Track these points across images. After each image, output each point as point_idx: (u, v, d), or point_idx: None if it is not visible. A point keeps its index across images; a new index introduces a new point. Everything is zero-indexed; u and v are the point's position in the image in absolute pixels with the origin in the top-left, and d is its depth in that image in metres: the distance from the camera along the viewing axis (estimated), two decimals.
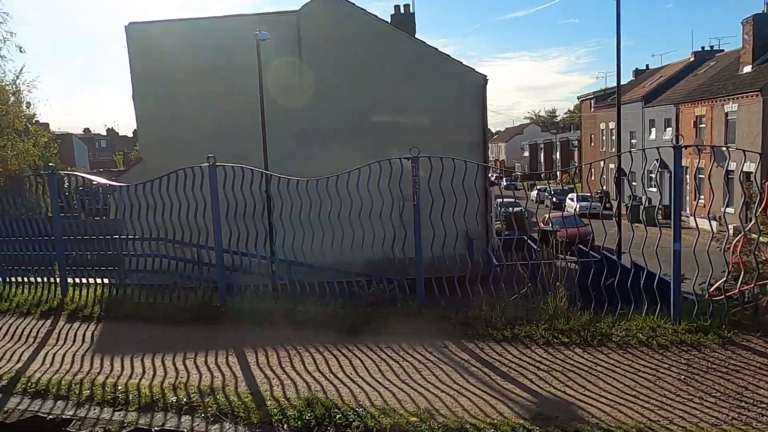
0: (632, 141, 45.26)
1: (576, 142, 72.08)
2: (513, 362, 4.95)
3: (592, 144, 55.80)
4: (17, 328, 6.75)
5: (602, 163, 53.75)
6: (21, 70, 24.19)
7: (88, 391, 4.78)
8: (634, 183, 43.82)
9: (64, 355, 5.74)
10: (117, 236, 8.01)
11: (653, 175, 39.66)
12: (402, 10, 23.69)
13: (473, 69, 18.42)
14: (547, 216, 32.36)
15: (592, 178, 54.87)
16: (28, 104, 24.19)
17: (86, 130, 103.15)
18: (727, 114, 31.40)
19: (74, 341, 6.17)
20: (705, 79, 36.43)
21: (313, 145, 18.09)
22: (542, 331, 5.43)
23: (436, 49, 18.48)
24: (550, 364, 4.85)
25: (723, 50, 41.92)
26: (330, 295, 6.91)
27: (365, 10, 18.73)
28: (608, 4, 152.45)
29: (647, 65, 54.03)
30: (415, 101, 18.33)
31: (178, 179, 6.98)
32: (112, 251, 8.05)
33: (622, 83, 55.98)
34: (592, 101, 55.70)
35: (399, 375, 4.83)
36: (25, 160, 22.47)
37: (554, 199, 47.20)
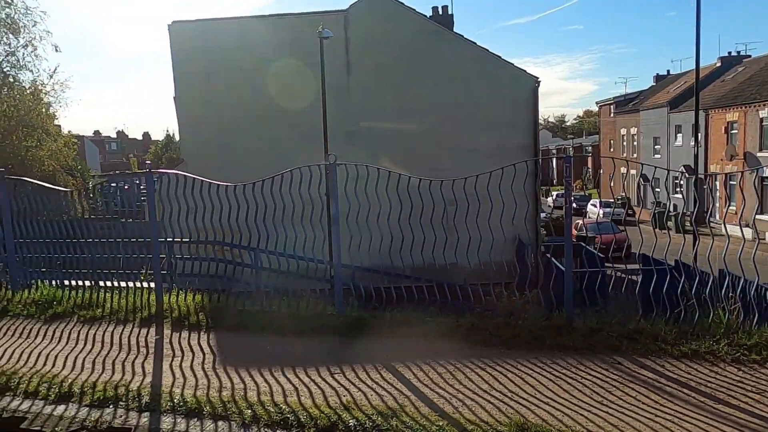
0: (656, 147, 44.79)
1: (589, 147, 71.62)
2: (710, 382, 4.47)
3: (612, 149, 55.32)
4: (122, 337, 6.30)
5: (624, 168, 53.45)
6: (55, 69, 23.83)
7: (249, 411, 4.32)
8: (657, 189, 43.33)
9: (192, 368, 5.28)
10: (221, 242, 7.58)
11: (679, 182, 39.20)
12: (440, 11, 23.33)
13: (524, 70, 18.00)
14: (580, 222, 31.90)
15: (612, 184, 54.35)
16: (48, 105, 23.69)
17: (96, 132, 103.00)
18: (762, 119, 30.91)
19: (193, 353, 5.71)
20: (735, 84, 35.93)
21: (362, 147, 17.65)
22: (725, 347, 4.95)
23: (487, 49, 18.07)
24: (755, 385, 4.38)
25: (750, 55, 41.46)
26: (436, 303, 6.50)
27: (414, 10, 18.35)
28: (612, 11, 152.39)
29: (668, 71, 53.61)
30: (464, 103, 17.91)
31: (282, 179, 6.57)
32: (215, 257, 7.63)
33: (641, 89, 55.35)
34: (612, 107, 55.23)
35: (589, 395, 4.36)
36: (58, 160, 22.10)
37: (575, 205, 46.70)
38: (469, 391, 4.49)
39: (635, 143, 49.34)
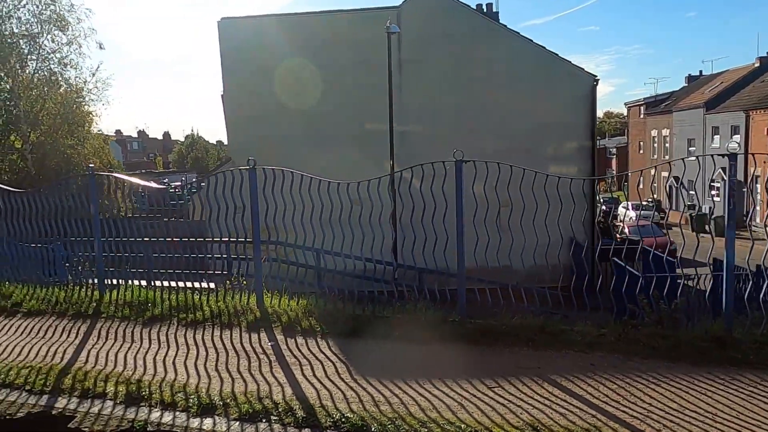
0: (690, 149, 43.86)
1: (614, 149, 70.56)
2: None
3: (641, 151, 54.40)
4: (233, 342, 5.95)
5: (653, 170, 52.56)
6: (98, 67, 23.69)
7: (425, 430, 3.93)
8: (691, 192, 42.42)
9: (330, 379, 4.90)
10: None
11: (716, 184, 38.34)
12: (485, 9, 22.92)
13: (583, 69, 17.52)
14: (621, 224, 31.19)
15: (641, 186, 53.45)
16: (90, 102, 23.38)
17: (118, 131, 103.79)
18: None
19: (320, 361, 5.33)
20: None
21: (412, 147, 17.27)
22: None
23: (544, 47, 17.60)
24: None
25: None
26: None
27: (469, 7, 17.93)
28: (629, 12, 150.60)
29: (700, 71, 52.58)
30: (520, 102, 17.45)
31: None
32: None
33: (672, 90, 54.23)
34: (642, 108, 54.32)
35: None
36: (100, 158, 21.98)
37: (603, 207, 45.93)
38: (659, 411, 4.06)
39: (667, 145, 48.42)
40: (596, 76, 17.39)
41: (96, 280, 8.02)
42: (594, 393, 4.39)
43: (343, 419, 4.12)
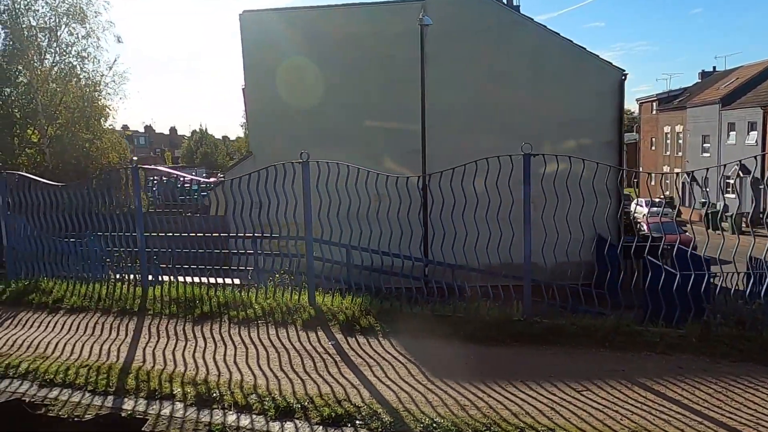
0: (704, 145, 43.45)
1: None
2: None
3: (653, 147, 53.97)
4: (292, 341, 5.77)
5: (666, 167, 52.13)
6: (115, 60, 23.44)
7: None
8: (706, 189, 42.06)
9: (405, 380, 4.71)
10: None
11: (731, 181, 37.96)
12: (505, 1, 22.62)
13: (610, 63, 17.24)
14: (639, 221, 30.89)
15: (652, 183, 53.03)
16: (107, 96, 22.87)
17: (125, 126, 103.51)
18: None
19: (388, 361, 5.13)
20: None
21: (437, 143, 17.05)
22: None
23: (571, 41, 17.32)
24: None
25: None
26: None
27: None
28: (634, 8, 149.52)
29: (714, 67, 52.11)
30: (546, 97, 17.19)
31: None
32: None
33: (685, 86, 53.76)
34: (654, 104, 53.87)
35: None
36: (118, 152, 21.82)
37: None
38: None
39: (680, 141, 48.01)
40: (624, 70, 17.13)
41: (135, 276, 7.86)
42: (690, 398, 4.18)
43: (433, 424, 3.92)
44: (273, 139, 17.86)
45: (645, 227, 27.44)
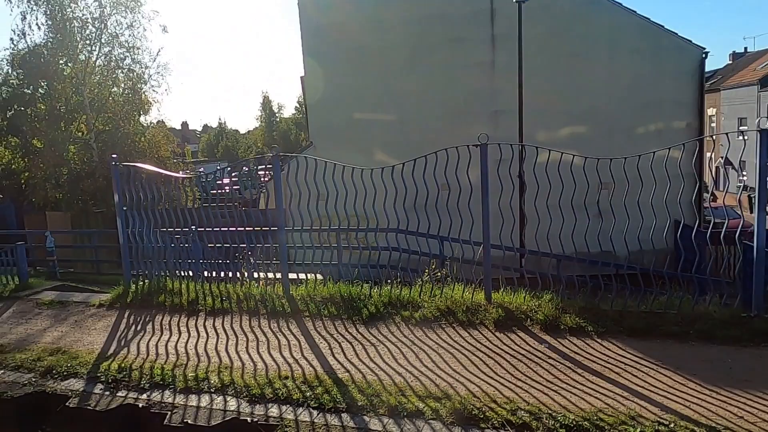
0: (741, 128, 42.47)
1: None
2: None
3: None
4: (496, 343, 5.15)
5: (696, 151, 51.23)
6: (158, 52, 22.73)
7: None
8: (744, 173, 41.07)
9: (683, 392, 4.09)
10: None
11: None
12: None
13: (690, 41, 16.41)
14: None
15: None
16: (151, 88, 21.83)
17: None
18: None
19: (647, 368, 4.51)
20: None
21: (508, 128, 16.34)
22: None
23: (649, 18, 16.51)
24: None
25: None
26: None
27: None
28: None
29: (745, 48, 50.98)
30: (622, 78, 16.42)
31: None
32: None
33: (716, 67, 52.58)
34: None
35: None
36: (169, 147, 21.18)
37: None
38: None
39: (713, 124, 47.01)
40: (705, 48, 16.32)
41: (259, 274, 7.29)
42: None
43: None
44: (334, 128, 17.23)
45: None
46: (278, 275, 7.15)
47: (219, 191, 19.52)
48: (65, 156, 19.71)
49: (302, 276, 7.41)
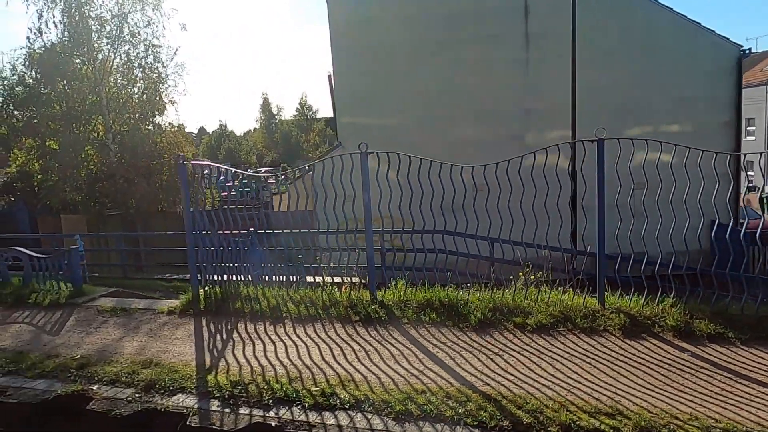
0: (749, 128, 42.46)
1: None
2: None
3: None
4: (631, 352, 4.80)
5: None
6: (176, 51, 22.23)
7: None
8: (751, 173, 41.09)
9: None
10: None
11: None
12: None
13: (727, 38, 16.18)
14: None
15: None
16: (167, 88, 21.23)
17: None
18: None
19: None
20: None
21: (541, 127, 16.08)
22: None
23: (685, 15, 16.25)
24: None
25: None
26: None
27: None
28: None
29: (749, 49, 50.80)
30: (657, 76, 16.15)
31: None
32: None
33: None
34: None
35: None
36: (188, 149, 20.63)
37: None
38: None
39: None
40: (742, 46, 16.09)
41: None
42: None
43: None
44: (364, 127, 16.83)
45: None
46: (354, 279, 6.84)
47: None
48: (83, 157, 19.18)
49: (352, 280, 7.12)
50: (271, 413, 4.23)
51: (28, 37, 20.04)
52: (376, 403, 4.20)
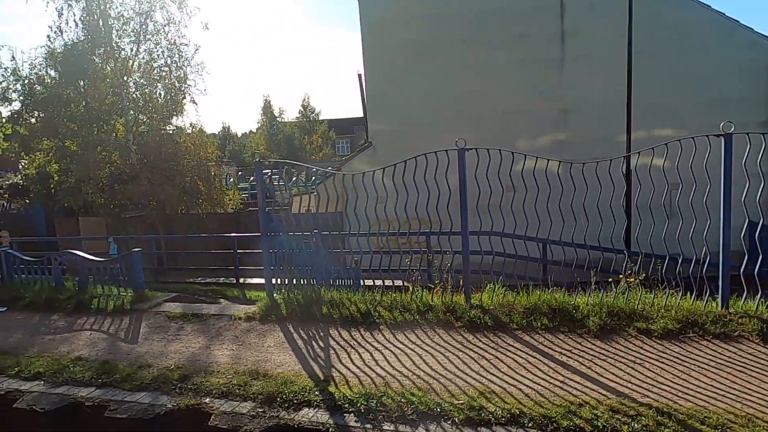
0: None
1: None
2: None
3: None
4: (740, 360, 4.51)
5: None
6: (196, 51, 21.80)
7: None
8: None
9: None
10: None
11: None
12: None
13: (766, 36, 15.95)
14: None
15: None
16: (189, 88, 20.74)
17: None
18: None
19: None
20: None
21: (576, 127, 15.82)
22: None
23: (723, 13, 16.03)
24: None
25: None
26: None
27: None
28: None
29: None
30: (692, 75, 15.88)
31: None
32: None
33: None
34: None
35: None
36: (205, 148, 20.20)
37: None
38: None
39: None
40: None
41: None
42: None
43: None
44: (395, 127, 16.55)
45: None
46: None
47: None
48: (104, 158, 18.73)
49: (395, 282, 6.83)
50: (421, 429, 3.90)
51: (48, 36, 19.61)
52: (536, 417, 3.88)
